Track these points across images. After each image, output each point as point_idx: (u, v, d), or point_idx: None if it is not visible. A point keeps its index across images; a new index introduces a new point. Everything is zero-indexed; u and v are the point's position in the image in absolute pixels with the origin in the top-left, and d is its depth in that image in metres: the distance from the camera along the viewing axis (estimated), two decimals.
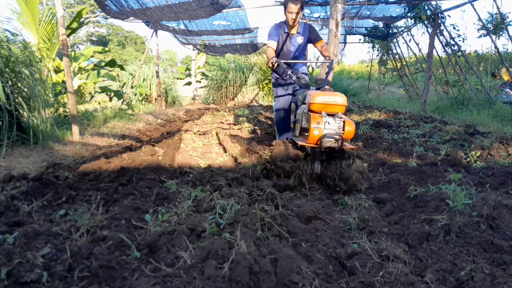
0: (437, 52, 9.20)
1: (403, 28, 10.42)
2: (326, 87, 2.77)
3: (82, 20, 6.52)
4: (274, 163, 2.62)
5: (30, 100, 3.78)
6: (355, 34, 11.29)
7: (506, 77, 9.36)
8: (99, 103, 7.92)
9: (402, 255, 1.59)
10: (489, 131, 4.92)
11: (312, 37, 3.73)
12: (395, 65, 12.16)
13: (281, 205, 2.12)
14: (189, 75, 14.36)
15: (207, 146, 3.72)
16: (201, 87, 14.13)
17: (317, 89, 2.94)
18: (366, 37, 11.54)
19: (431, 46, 7.91)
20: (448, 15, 7.91)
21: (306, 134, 2.60)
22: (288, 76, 3.31)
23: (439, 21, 7.74)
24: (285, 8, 3.57)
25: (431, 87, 9.70)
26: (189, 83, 13.92)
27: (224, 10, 6.96)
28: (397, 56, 11.86)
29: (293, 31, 3.71)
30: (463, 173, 2.92)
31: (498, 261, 1.58)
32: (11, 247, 1.36)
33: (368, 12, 8.17)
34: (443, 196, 2.21)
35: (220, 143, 3.93)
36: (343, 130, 2.51)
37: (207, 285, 1.24)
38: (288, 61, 3.52)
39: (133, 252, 1.52)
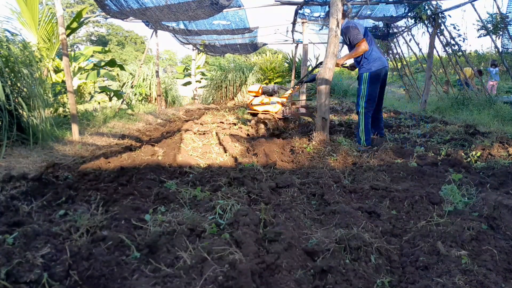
0: (437, 52, 9.20)
1: (403, 28, 10.41)
2: None
3: (82, 20, 6.52)
4: None
5: (29, 100, 3.78)
6: None
7: (468, 73, 9.78)
8: (99, 103, 7.92)
9: None
10: (490, 131, 4.91)
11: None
12: (395, 65, 12.16)
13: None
14: (188, 75, 14.37)
15: (207, 146, 3.72)
16: (201, 87, 14.15)
17: None
18: None
19: (431, 46, 7.90)
20: (449, 15, 7.90)
21: None
22: None
23: (439, 21, 7.73)
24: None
25: (432, 87, 9.70)
26: (187, 83, 13.92)
27: (224, 10, 6.96)
28: (397, 56, 11.86)
29: None
30: (463, 173, 2.92)
31: None
32: (11, 247, 1.36)
33: (369, 12, 8.16)
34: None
35: (220, 143, 3.93)
36: None
37: (206, 285, 1.23)
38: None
39: (133, 252, 1.52)
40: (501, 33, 7.48)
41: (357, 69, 4.35)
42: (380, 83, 4.12)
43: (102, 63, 7.98)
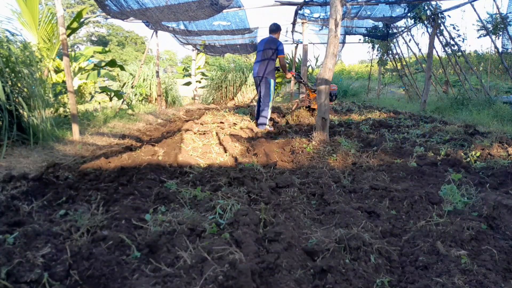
0: (437, 52, 9.20)
1: (403, 28, 10.42)
2: None
3: (82, 20, 6.52)
4: None
5: (30, 100, 3.78)
6: (355, 34, 11.29)
7: None
8: (99, 103, 7.93)
9: None
10: (489, 131, 4.92)
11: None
12: (395, 65, 12.16)
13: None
14: (189, 75, 14.36)
15: (207, 146, 3.72)
16: (201, 87, 14.15)
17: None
18: (366, 37, 11.54)
19: (431, 46, 7.91)
20: (448, 15, 7.90)
21: None
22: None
23: (439, 21, 7.74)
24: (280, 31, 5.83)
25: (431, 87, 9.71)
26: (188, 83, 13.92)
27: (224, 11, 6.97)
28: (397, 56, 11.86)
29: None
30: (463, 173, 2.92)
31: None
32: (11, 247, 1.36)
33: (369, 13, 8.17)
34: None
35: (220, 143, 3.93)
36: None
37: (207, 285, 1.24)
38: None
39: (133, 252, 1.52)
40: (500, 33, 7.48)
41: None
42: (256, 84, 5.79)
43: (103, 63, 7.98)
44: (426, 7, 7.58)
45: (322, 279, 1.43)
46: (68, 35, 6.09)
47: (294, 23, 8.69)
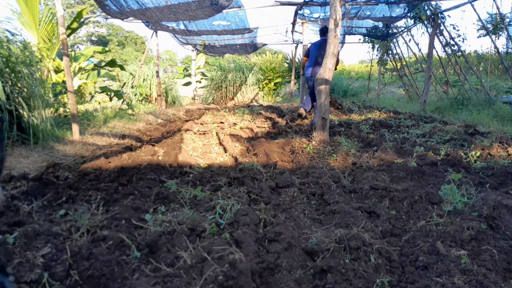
0: (437, 52, 9.20)
1: (403, 28, 10.42)
2: None
3: (82, 20, 6.52)
4: None
5: (30, 100, 3.78)
6: (354, 34, 11.28)
7: None
8: (99, 103, 7.93)
9: None
10: (489, 131, 4.92)
11: None
12: (395, 65, 12.16)
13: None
14: (189, 75, 14.37)
15: (207, 146, 3.72)
16: (201, 87, 14.15)
17: None
18: (366, 37, 11.54)
19: (431, 46, 7.91)
20: (448, 15, 7.92)
21: None
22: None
23: (439, 21, 7.74)
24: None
25: (431, 87, 9.71)
26: (188, 83, 13.92)
27: (224, 11, 6.97)
28: (397, 56, 11.86)
29: None
30: (463, 173, 2.92)
31: None
32: (11, 247, 1.36)
33: (368, 13, 8.17)
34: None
35: (220, 143, 3.93)
36: None
37: (207, 285, 1.24)
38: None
39: (133, 252, 1.52)
40: (501, 33, 7.49)
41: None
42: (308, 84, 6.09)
43: (103, 63, 7.98)
44: (426, 7, 7.58)
45: (322, 279, 1.43)
46: (68, 35, 6.09)
47: (294, 23, 8.69)
